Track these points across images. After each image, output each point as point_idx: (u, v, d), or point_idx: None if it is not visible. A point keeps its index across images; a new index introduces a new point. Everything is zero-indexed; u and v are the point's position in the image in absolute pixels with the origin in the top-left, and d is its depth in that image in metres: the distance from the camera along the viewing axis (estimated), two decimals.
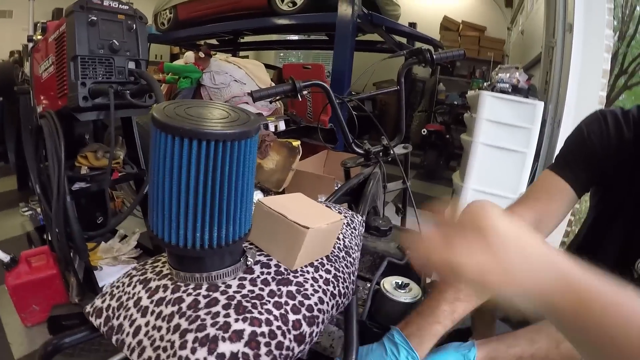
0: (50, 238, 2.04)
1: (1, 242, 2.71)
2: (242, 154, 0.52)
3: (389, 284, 1.16)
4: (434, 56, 1.75)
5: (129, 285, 0.66)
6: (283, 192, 2.77)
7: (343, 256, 0.81)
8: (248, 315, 0.56)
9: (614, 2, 4.21)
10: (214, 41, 6.49)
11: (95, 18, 1.62)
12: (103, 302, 0.67)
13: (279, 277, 0.65)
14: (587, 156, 1.23)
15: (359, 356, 0.87)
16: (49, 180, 1.81)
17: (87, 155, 1.94)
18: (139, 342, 0.57)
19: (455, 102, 6.76)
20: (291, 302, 0.62)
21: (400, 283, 1.16)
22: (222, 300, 0.57)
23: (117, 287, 0.68)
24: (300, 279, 0.67)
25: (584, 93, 3.99)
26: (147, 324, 0.58)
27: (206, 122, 0.51)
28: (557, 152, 1.33)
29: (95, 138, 2.17)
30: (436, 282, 1.08)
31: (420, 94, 7.45)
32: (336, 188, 1.54)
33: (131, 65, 1.77)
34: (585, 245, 1.27)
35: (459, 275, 0.48)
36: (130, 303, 0.62)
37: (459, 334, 1.74)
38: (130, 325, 0.59)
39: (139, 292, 0.63)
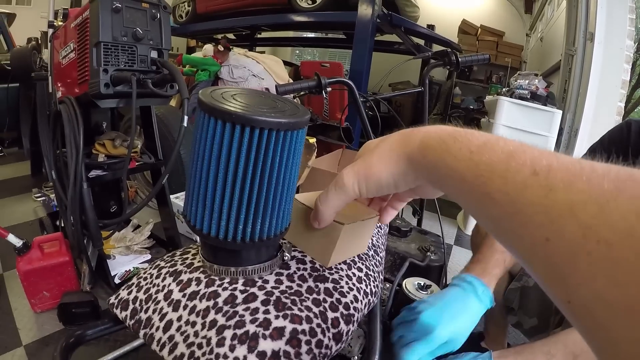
0: (63, 225, 2.02)
1: (13, 227, 2.69)
2: (292, 146, 0.50)
3: (411, 284, 1.14)
4: (460, 59, 1.72)
5: (157, 277, 0.63)
6: (298, 190, 2.75)
7: (372, 254, 0.79)
8: (288, 312, 0.54)
9: (635, 13, 4.16)
10: (231, 35, 6.48)
11: (119, 5, 1.60)
12: (129, 293, 0.64)
13: (316, 274, 0.63)
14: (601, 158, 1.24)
15: (429, 304, 0.93)
16: (65, 166, 1.80)
17: (105, 143, 1.93)
18: (171, 338, 0.54)
19: (471, 107, 6.73)
20: (329, 300, 0.59)
21: (422, 284, 1.15)
22: (261, 295, 0.55)
23: (145, 279, 0.65)
24: (336, 276, 0.65)
25: (603, 103, 3.96)
26: (179, 319, 0.55)
27: (257, 109, 0.48)
28: None
29: (112, 127, 2.16)
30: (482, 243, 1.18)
31: (436, 97, 7.41)
32: None
33: (154, 54, 1.75)
34: None
35: (343, 185, 0.53)
36: (160, 296, 0.60)
37: (471, 338, 1.73)
38: (161, 320, 0.57)
39: (169, 284, 0.60)
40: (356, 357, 1.05)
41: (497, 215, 0.35)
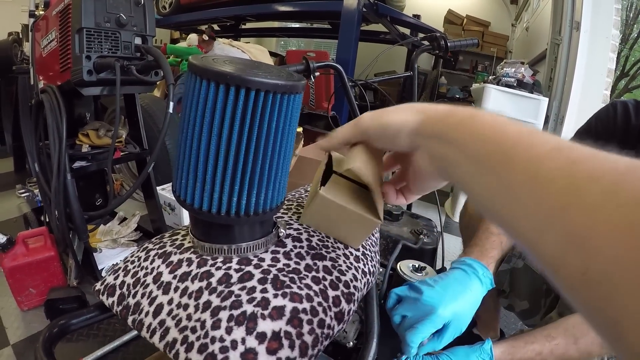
0: (48, 219, 1.98)
1: None
2: (289, 111, 0.47)
3: (405, 267, 1.14)
4: (449, 43, 1.71)
5: (145, 260, 0.60)
6: None
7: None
8: (287, 290, 0.51)
9: (621, 3, 4.19)
10: (215, 26, 6.42)
11: None
12: (116, 278, 0.61)
13: (313, 252, 0.60)
14: (590, 139, 1.27)
15: (429, 288, 0.89)
16: (48, 159, 1.75)
17: (89, 133, 1.88)
18: (161, 323, 0.51)
19: (457, 96, 6.75)
20: (329, 278, 0.57)
21: (417, 266, 1.15)
22: (257, 274, 0.52)
23: (132, 262, 0.62)
24: (333, 255, 0.62)
25: (588, 91, 3.99)
26: (170, 302, 0.52)
27: (253, 71, 0.45)
28: None
29: (96, 118, 2.11)
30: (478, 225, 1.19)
31: (422, 87, 7.39)
32: None
33: (138, 40, 1.71)
34: None
35: (360, 120, 0.55)
36: (149, 279, 0.56)
37: None
38: (150, 304, 0.53)
39: (159, 266, 0.57)
40: (351, 343, 1.02)
41: (516, 182, 0.35)
